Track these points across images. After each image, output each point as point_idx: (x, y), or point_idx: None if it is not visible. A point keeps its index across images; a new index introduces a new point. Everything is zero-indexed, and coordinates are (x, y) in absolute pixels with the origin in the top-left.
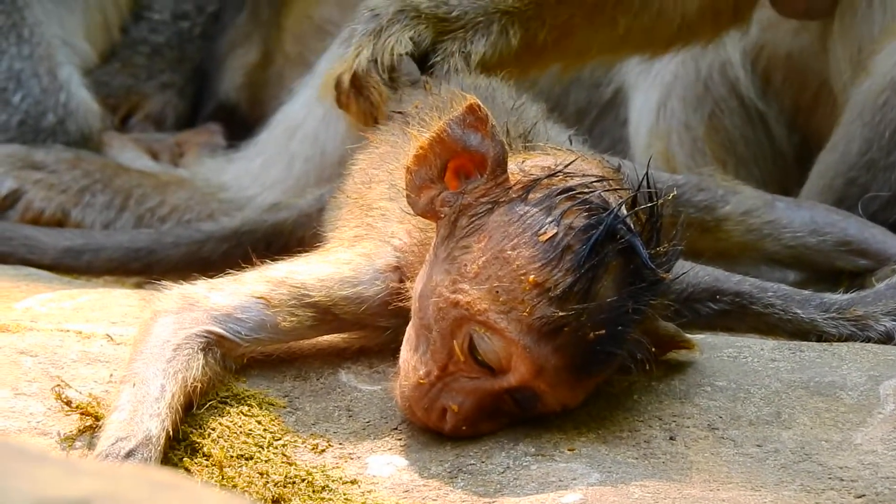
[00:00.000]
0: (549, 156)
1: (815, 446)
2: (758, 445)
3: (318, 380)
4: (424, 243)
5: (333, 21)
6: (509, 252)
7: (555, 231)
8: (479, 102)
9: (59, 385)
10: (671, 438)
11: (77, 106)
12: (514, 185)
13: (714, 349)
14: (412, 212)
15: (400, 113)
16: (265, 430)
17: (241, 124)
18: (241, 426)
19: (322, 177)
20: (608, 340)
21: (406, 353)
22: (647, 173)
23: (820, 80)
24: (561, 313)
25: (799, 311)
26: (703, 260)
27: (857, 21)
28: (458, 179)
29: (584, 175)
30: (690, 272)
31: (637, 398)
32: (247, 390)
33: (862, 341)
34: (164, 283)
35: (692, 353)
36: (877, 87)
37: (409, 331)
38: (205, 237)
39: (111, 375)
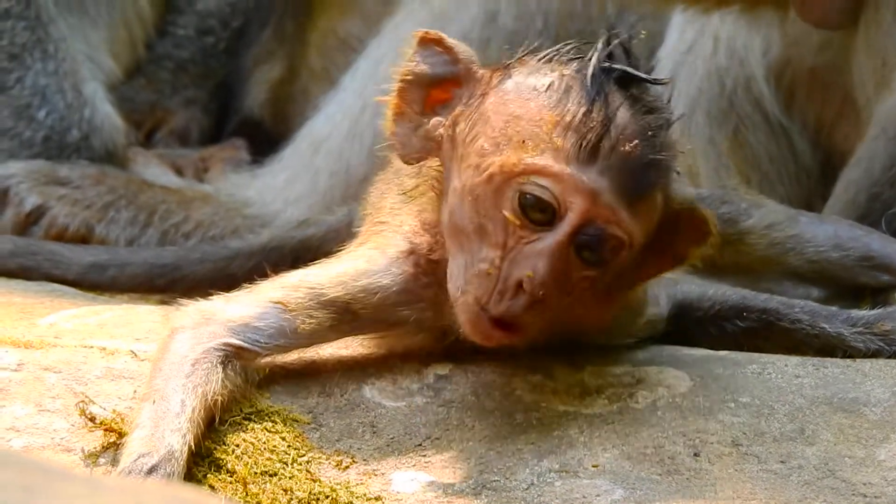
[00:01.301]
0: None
1: (839, 462)
2: (781, 462)
3: (342, 396)
4: (435, 218)
5: (358, 36)
6: (518, 111)
7: (551, 80)
8: (426, 30)
9: (83, 401)
10: (695, 455)
11: (101, 122)
12: (493, 74)
13: (738, 365)
14: (424, 197)
15: None
16: (289, 446)
17: (265, 140)
18: (265, 442)
19: (347, 192)
20: (646, 149)
21: (459, 275)
22: (609, 23)
23: (844, 96)
24: (590, 132)
25: (826, 326)
26: (726, 275)
27: (881, 36)
28: (439, 108)
29: (552, 48)
30: (717, 290)
31: (661, 414)
32: (271, 406)
33: (889, 356)
34: (181, 300)
35: (709, 241)
36: None
37: (452, 261)
38: (232, 254)
39: (135, 392)
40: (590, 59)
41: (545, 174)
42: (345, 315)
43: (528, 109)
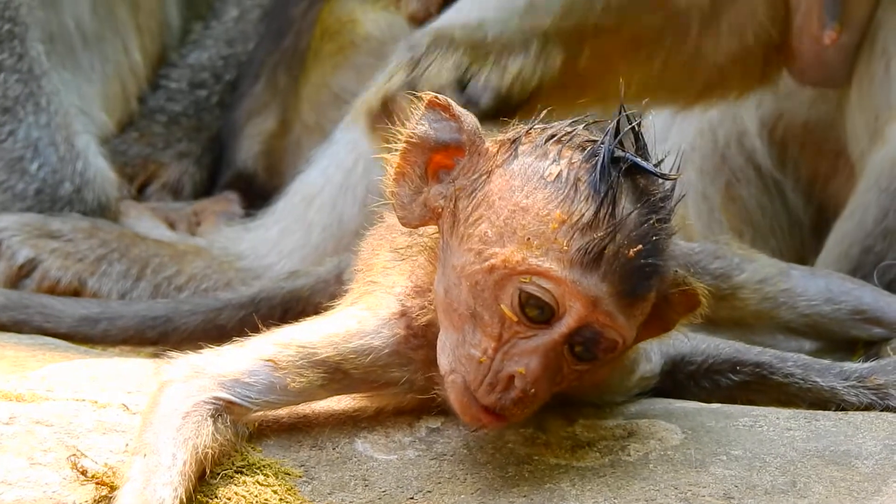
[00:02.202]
0: (518, 126)
1: None
2: None
3: (333, 449)
4: (426, 281)
5: (351, 90)
6: (524, 201)
7: (559, 169)
8: (435, 94)
9: (74, 455)
10: None
11: (94, 175)
12: (498, 150)
13: (729, 418)
14: (416, 260)
15: None
16: (281, 499)
17: (258, 193)
18: (256, 496)
19: (340, 245)
20: (648, 254)
21: (451, 352)
22: (621, 104)
23: (837, 149)
24: (596, 238)
25: (819, 380)
26: (719, 329)
27: (874, 89)
28: (441, 174)
29: (558, 123)
30: (710, 344)
31: (653, 467)
32: (262, 459)
33: (882, 410)
34: (172, 353)
35: (698, 310)
36: (893, 156)
37: (444, 335)
38: (222, 305)
39: (127, 445)
40: (600, 150)
41: (548, 277)
42: (335, 374)
43: (535, 202)
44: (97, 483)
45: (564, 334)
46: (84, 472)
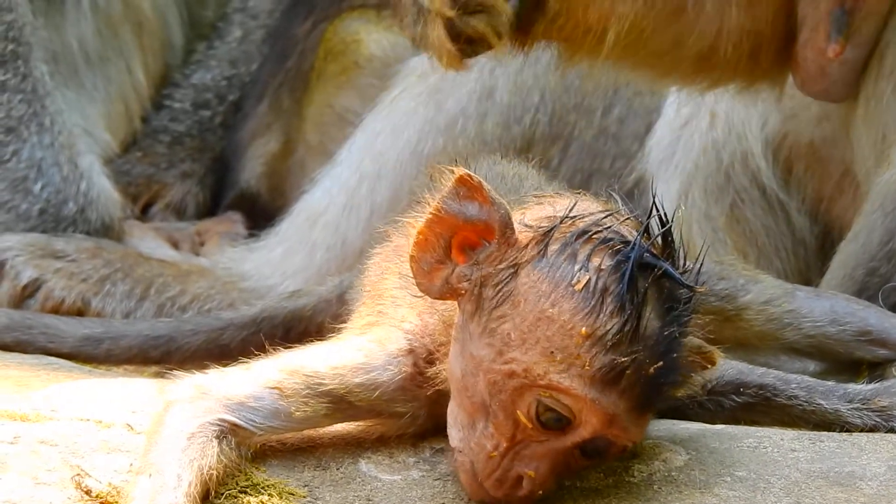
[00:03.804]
0: (544, 205)
1: None
2: None
3: (337, 469)
4: (437, 324)
5: (354, 110)
6: (550, 310)
7: (587, 277)
8: (468, 172)
9: (78, 474)
10: None
11: (98, 195)
12: (528, 244)
13: (733, 439)
14: (427, 298)
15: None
16: None
17: (262, 213)
18: None
19: (343, 266)
20: (667, 370)
21: (461, 431)
22: (653, 198)
23: (842, 170)
24: (621, 358)
25: (823, 402)
26: (724, 350)
27: (880, 110)
28: (465, 252)
29: (590, 214)
30: None
31: (657, 488)
32: (266, 480)
33: (886, 431)
34: (177, 373)
35: (715, 367)
36: None
37: (456, 410)
38: (225, 324)
39: (131, 464)
40: (629, 256)
41: (568, 394)
42: (340, 404)
43: (561, 312)
44: (101, 502)
45: (576, 443)
46: (88, 492)
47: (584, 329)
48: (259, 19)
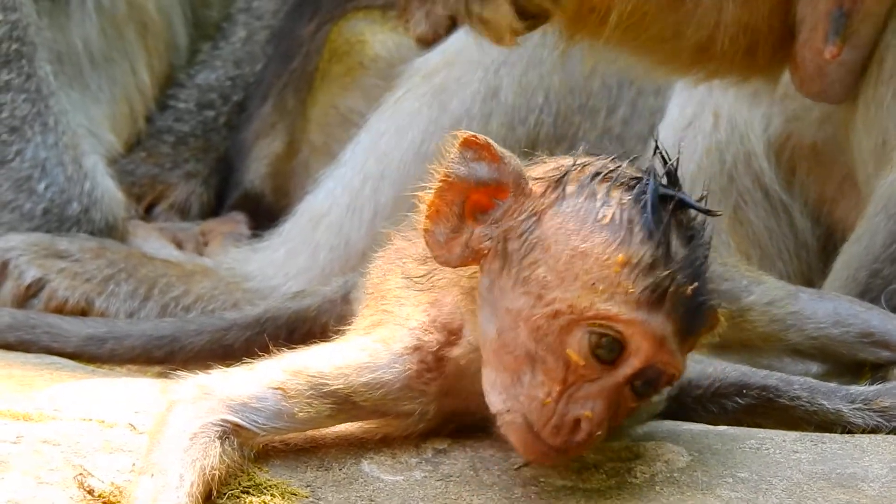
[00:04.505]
0: (547, 162)
1: None
2: None
3: (340, 470)
4: (443, 318)
5: (359, 111)
6: (583, 246)
7: (612, 211)
8: (472, 133)
9: (81, 474)
10: None
11: (102, 195)
12: (545, 191)
13: (736, 440)
14: (432, 291)
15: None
16: None
17: (266, 214)
18: None
19: (347, 266)
20: (702, 291)
21: (503, 393)
22: (655, 140)
23: (844, 172)
24: (658, 279)
25: (825, 403)
26: (727, 351)
27: (881, 114)
28: (479, 214)
29: (596, 160)
30: (717, 368)
31: (659, 489)
32: (269, 480)
33: (889, 432)
34: (181, 373)
35: (716, 330)
36: None
37: (494, 374)
38: (228, 325)
39: (133, 464)
40: (646, 189)
41: (617, 321)
42: (344, 405)
43: (594, 245)
44: (103, 502)
45: (629, 375)
46: (91, 492)
47: (620, 256)
48: (263, 20)
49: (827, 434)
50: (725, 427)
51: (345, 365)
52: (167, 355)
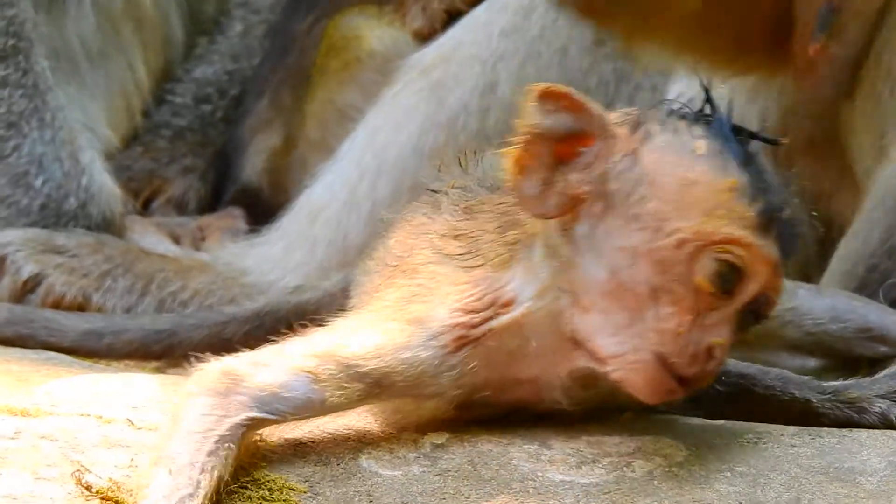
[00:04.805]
0: (609, 112)
1: None
2: None
3: (338, 465)
4: (492, 293)
5: (356, 106)
6: (691, 175)
7: (701, 142)
8: (549, 84)
9: (79, 470)
10: None
11: (99, 190)
12: (630, 133)
13: (734, 435)
14: (479, 265)
15: (433, 191)
16: None
17: (263, 209)
18: None
19: (345, 261)
20: (796, 216)
21: (618, 335)
22: (703, 84)
23: (841, 166)
24: (766, 203)
25: (795, 392)
26: None
27: (880, 108)
28: (567, 163)
29: (655, 104)
30: None
31: (657, 483)
32: (266, 475)
33: (858, 425)
34: (204, 357)
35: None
36: None
37: (602, 319)
38: (227, 318)
39: (132, 460)
40: (720, 124)
41: (741, 245)
42: (374, 389)
43: (700, 174)
44: (102, 498)
45: (746, 302)
46: (89, 488)
47: (730, 182)
48: (260, 14)
49: (825, 428)
50: (723, 421)
51: (381, 345)
52: (165, 349)
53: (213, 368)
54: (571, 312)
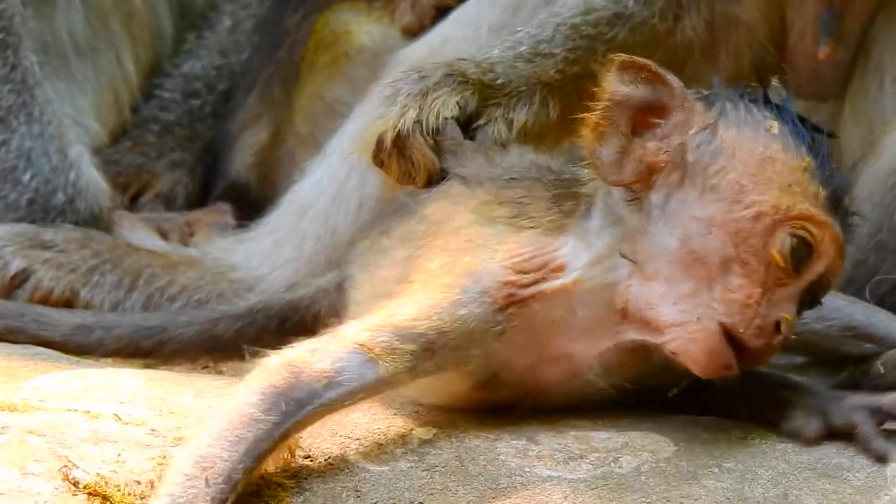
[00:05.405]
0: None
1: None
2: None
3: (326, 460)
4: (543, 256)
5: (344, 101)
6: (768, 151)
7: (772, 121)
8: (628, 55)
9: (66, 465)
10: None
11: (87, 185)
12: (706, 108)
13: (722, 430)
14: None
15: (463, 178)
16: None
17: (251, 204)
18: None
19: (333, 256)
20: (848, 199)
21: (681, 303)
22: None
23: None
24: (835, 184)
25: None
26: None
27: (868, 104)
28: (644, 132)
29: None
30: None
31: (645, 479)
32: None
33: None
34: (267, 351)
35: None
36: (886, 170)
37: (667, 287)
38: (219, 315)
39: (119, 455)
40: (783, 108)
41: (815, 222)
42: (426, 352)
43: (777, 152)
44: (89, 493)
45: (812, 280)
46: (76, 483)
47: (806, 160)
48: (250, 9)
49: None
50: (711, 417)
51: (434, 304)
52: (156, 346)
53: (275, 363)
54: (629, 283)
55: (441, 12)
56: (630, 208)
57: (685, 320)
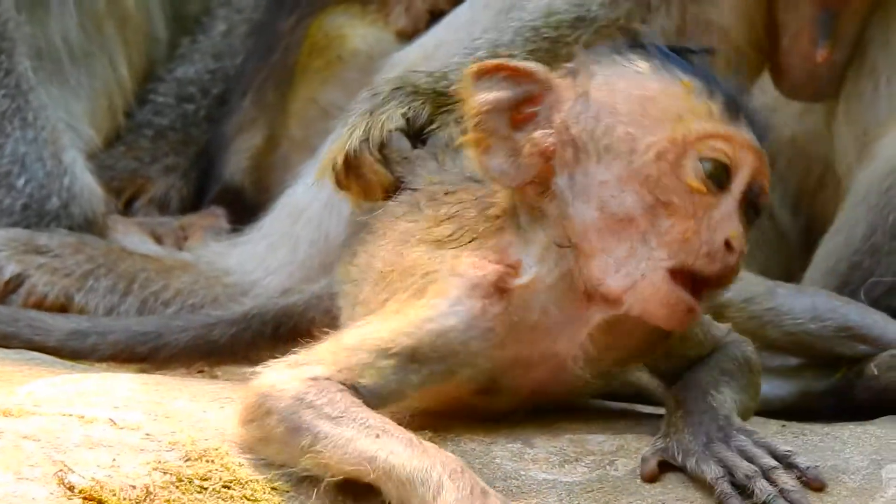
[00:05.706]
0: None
1: None
2: None
3: None
4: (495, 256)
5: (339, 105)
6: (645, 92)
7: (642, 63)
8: (478, 63)
9: (61, 470)
10: None
11: (81, 190)
12: (574, 78)
13: None
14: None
15: (414, 190)
16: None
17: (246, 208)
18: None
19: (326, 261)
20: (754, 107)
21: (625, 265)
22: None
23: (825, 164)
24: (724, 95)
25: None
26: None
27: (863, 105)
28: (523, 126)
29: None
30: None
31: (640, 482)
32: (250, 475)
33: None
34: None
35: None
36: (881, 172)
37: (605, 256)
38: (214, 321)
39: (114, 460)
40: (651, 39)
41: (718, 137)
42: (408, 366)
43: (654, 89)
44: (84, 498)
45: (743, 191)
46: (71, 488)
47: (683, 83)
48: (243, 13)
49: (808, 426)
50: None
51: (406, 324)
52: (151, 351)
53: (292, 378)
54: (578, 266)
55: (435, 16)
56: (545, 200)
57: (633, 281)
